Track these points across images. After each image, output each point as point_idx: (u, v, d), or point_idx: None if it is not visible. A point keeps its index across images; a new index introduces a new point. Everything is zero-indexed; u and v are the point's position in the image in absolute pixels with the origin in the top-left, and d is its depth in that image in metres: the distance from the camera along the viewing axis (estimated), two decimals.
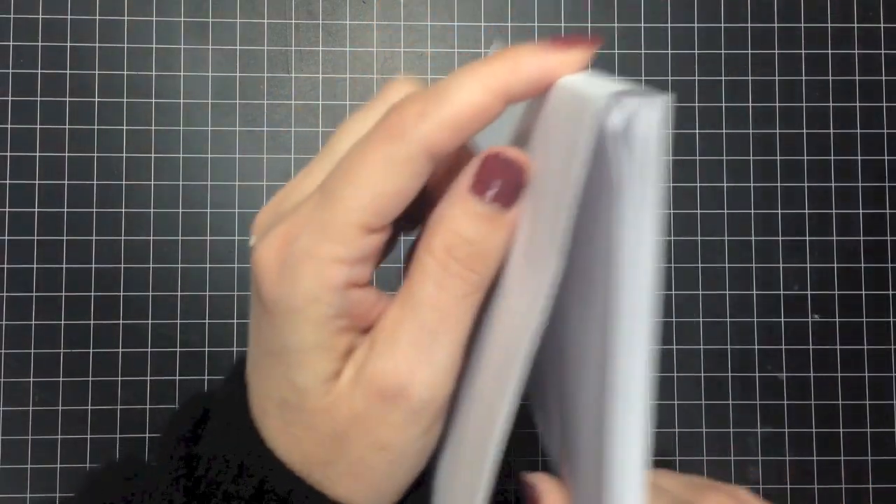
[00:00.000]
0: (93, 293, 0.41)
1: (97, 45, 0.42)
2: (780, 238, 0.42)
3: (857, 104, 0.43)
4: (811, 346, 0.42)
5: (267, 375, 0.20)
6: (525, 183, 0.19)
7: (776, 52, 0.43)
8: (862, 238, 0.42)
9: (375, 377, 0.19)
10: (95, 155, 0.42)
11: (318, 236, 0.19)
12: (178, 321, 0.41)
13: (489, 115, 0.19)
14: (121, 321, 0.41)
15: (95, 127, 0.42)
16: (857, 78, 0.43)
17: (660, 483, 0.24)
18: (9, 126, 0.41)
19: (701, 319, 0.42)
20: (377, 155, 0.19)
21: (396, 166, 0.18)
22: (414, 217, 0.21)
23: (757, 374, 0.42)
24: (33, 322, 0.41)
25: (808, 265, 0.42)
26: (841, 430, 0.42)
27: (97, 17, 0.42)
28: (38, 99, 0.42)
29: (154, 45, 0.42)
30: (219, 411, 0.22)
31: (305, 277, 0.19)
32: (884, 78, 0.43)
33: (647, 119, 0.16)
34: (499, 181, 0.19)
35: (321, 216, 0.19)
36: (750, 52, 0.43)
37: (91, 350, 0.41)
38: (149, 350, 0.41)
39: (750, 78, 0.43)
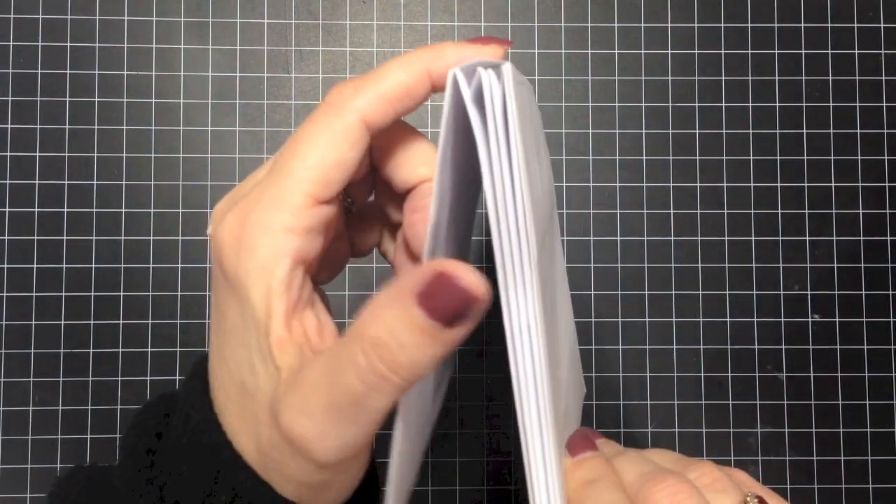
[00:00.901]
0: (93, 293, 0.41)
1: (97, 45, 0.42)
2: (780, 238, 0.42)
3: (857, 104, 0.43)
4: (811, 346, 0.42)
5: (230, 357, 0.21)
6: (477, 312, 0.18)
7: (776, 52, 0.43)
8: (862, 238, 0.42)
9: (284, 424, 0.19)
10: (95, 155, 0.42)
11: (269, 208, 0.20)
12: (178, 321, 0.41)
13: (416, 94, 0.21)
14: (121, 321, 0.41)
15: (95, 127, 0.42)
16: (856, 78, 0.43)
17: (649, 456, 0.24)
18: (9, 126, 0.41)
19: (701, 319, 0.42)
20: (319, 127, 0.21)
21: (337, 137, 0.20)
22: (358, 193, 0.24)
23: (757, 374, 0.42)
24: (33, 322, 0.41)
25: (808, 265, 0.42)
26: (841, 430, 0.42)
27: (97, 17, 0.42)
28: (38, 99, 0.42)
29: (154, 45, 0.42)
30: (180, 407, 0.22)
31: (260, 247, 0.20)
32: (884, 78, 0.43)
33: (492, 83, 0.18)
34: (447, 303, 0.17)
35: (271, 190, 0.20)
36: (750, 52, 0.43)
37: (91, 350, 0.41)
38: (149, 350, 0.41)
39: (750, 78, 0.43)
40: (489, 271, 0.19)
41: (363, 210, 0.26)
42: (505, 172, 0.19)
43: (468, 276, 0.17)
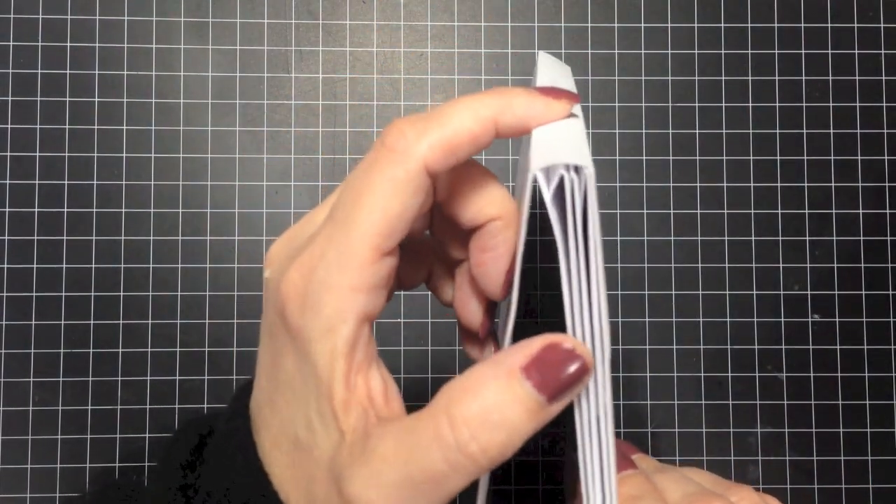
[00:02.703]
0: (93, 293, 0.41)
1: (97, 45, 0.42)
2: (780, 238, 0.42)
3: (857, 104, 0.43)
4: (811, 346, 0.42)
5: (283, 408, 0.20)
6: (584, 382, 0.18)
7: (776, 52, 0.43)
8: (862, 238, 0.42)
9: (350, 495, 0.18)
10: (95, 155, 0.42)
11: (335, 265, 0.19)
12: (178, 321, 0.41)
13: (480, 142, 0.20)
14: (121, 321, 0.41)
15: (95, 127, 0.42)
16: (856, 78, 0.43)
17: (689, 475, 0.25)
18: (9, 126, 0.41)
19: (701, 319, 0.42)
20: (382, 176, 0.19)
21: (400, 185, 0.19)
22: (414, 229, 0.23)
23: (757, 374, 0.42)
24: (33, 322, 0.41)
25: (808, 265, 0.42)
26: (841, 430, 0.42)
27: (97, 17, 0.42)
28: (38, 99, 0.42)
29: (154, 45, 0.42)
30: (222, 444, 0.21)
31: (326, 306, 0.19)
32: (884, 78, 0.43)
33: (574, 187, 0.19)
34: (556, 375, 0.17)
35: (335, 245, 0.19)
36: (750, 52, 0.43)
37: (91, 350, 0.41)
38: (149, 350, 0.41)
39: (750, 78, 0.43)
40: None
41: (415, 245, 0.25)
42: (583, 281, 0.19)
43: (581, 348, 0.17)
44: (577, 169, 0.19)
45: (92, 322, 0.41)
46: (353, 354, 0.19)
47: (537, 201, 0.20)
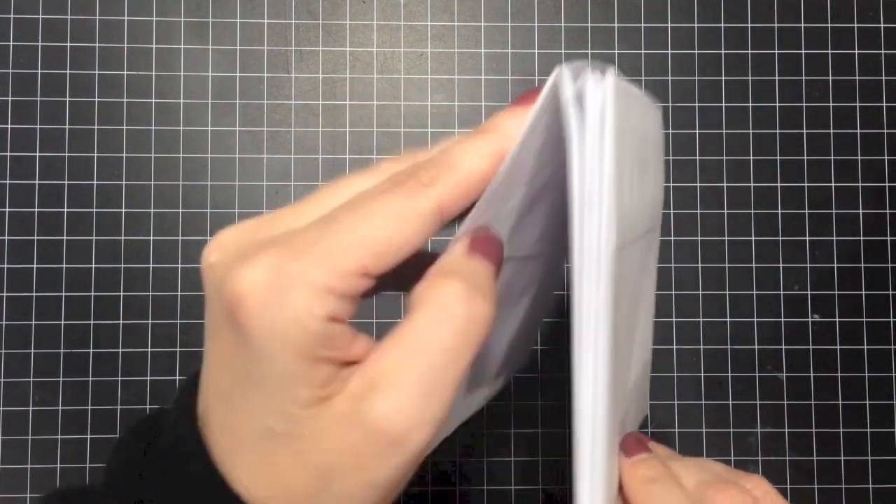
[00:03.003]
0: (93, 293, 0.41)
1: (97, 45, 0.42)
2: (780, 238, 0.42)
3: (857, 104, 0.43)
4: (811, 346, 0.42)
5: (243, 406, 0.19)
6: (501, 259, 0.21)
7: (776, 52, 0.43)
8: (862, 238, 0.42)
9: (380, 420, 0.18)
10: (95, 155, 0.42)
11: (317, 265, 0.19)
12: (178, 321, 0.41)
13: (488, 180, 0.21)
14: (121, 321, 0.41)
15: (95, 127, 0.42)
16: (857, 78, 0.43)
17: (704, 464, 0.25)
18: (9, 126, 0.41)
19: (701, 319, 0.42)
20: (392, 204, 0.20)
21: (408, 218, 0.20)
22: (399, 281, 0.22)
23: (757, 374, 0.42)
24: (33, 322, 0.41)
25: (808, 265, 0.42)
26: (841, 430, 0.42)
27: (97, 17, 0.42)
28: (38, 99, 0.42)
29: (154, 45, 0.42)
30: (172, 453, 0.21)
31: (295, 301, 0.18)
32: (884, 78, 0.43)
33: (595, 87, 0.19)
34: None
35: (324, 246, 0.19)
36: (750, 52, 0.43)
37: (91, 350, 0.41)
38: (149, 350, 0.41)
39: (750, 78, 0.43)
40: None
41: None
42: (595, 159, 0.19)
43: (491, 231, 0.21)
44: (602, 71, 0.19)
45: (92, 322, 0.41)
46: (316, 350, 0.19)
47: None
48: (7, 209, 0.41)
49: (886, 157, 0.43)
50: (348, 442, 0.19)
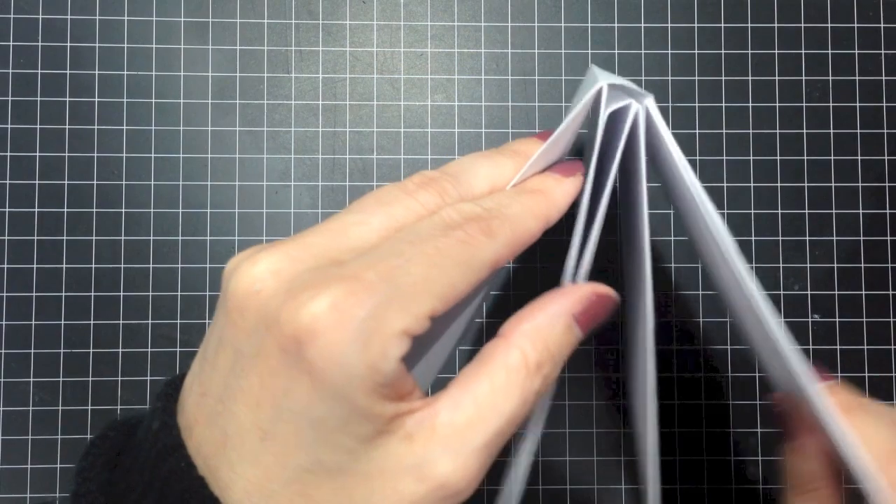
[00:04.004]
0: (93, 293, 0.41)
1: (97, 45, 0.42)
2: (780, 238, 0.42)
3: (857, 104, 0.43)
4: (811, 346, 0.42)
5: (290, 439, 0.19)
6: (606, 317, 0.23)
7: (776, 52, 0.43)
8: (862, 238, 0.42)
9: (445, 477, 0.19)
10: (95, 155, 0.42)
11: (397, 307, 0.19)
12: (178, 321, 0.41)
13: (536, 239, 0.23)
14: (121, 321, 0.41)
15: (95, 127, 0.42)
16: (856, 78, 0.43)
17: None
18: (9, 126, 0.41)
19: (701, 319, 0.42)
20: (462, 253, 0.20)
21: (474, 268, 0.20)
22: None
23: (757, 374, 0.42)
24: (33, 322, 0.41)
25: (808, 265, 0.42)
26: None
27: (97, 17, 0.42)
28: (38, 99, 0.42)
29: (154, 45, 0.42)
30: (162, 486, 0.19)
31: (376, 344, 0.18)
32: (884, 78, 0.43)
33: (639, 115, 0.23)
34: (596, 316, 0.23)
35: (402, 291, 0.19)
36: (750, 52, 0.43)
37: (91, 350, 0.41)
38: (149, 350, 0.41)
39: (750, 78, 0.43)
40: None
41: None
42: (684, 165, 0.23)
43: (610, 291, 0.23)
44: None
45: (92, 322, 0.41)
46: (385, 389, 0.19)
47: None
48: (7, 209, 0.41)
49: (886, 157, 0.43)
50: (403, 486, 0.19)
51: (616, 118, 0.23)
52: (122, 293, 0.41)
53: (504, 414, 0.20)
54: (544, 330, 0.21)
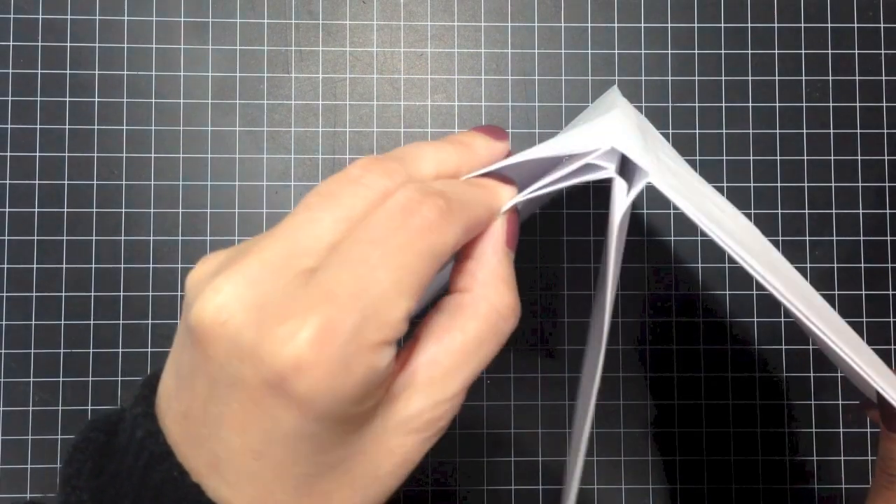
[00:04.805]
0: (93, 293, 0.41)
1: (97, 45, 0.42)
2: (780, 238, 0.42)
3: (857, 104, 0.43)
4: (811, 346, 0.42)
5: (285, 458, 0.19)
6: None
7: (776, 52, 0.43)
8: (862, 238, 0.42)
9: (423, 425, 0.20)
10: (95, 155, 0.42)
11: (373, 323, 0.18)
12: (178, 321, 0.41)
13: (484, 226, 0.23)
14: (121, 321, 0.41)
15: (95, 127, 0.42)
16: (857, 78, 0.43)
17: None
18: (9, 126, 0.41)
19: (701, 319, 0.42)
20: (426, 245, 0.19)
21: (437, 256, 0.20)
22: None
23: (757, 374, 0.42)
24: (33, 322, 0.41)
25: (808, 265, 0.42)
26: (841, 430, 0.42)
27: (97, 17, 0.42)
28: (38, 99, 0.42)
29: (154, 46, 0.42)
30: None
31: (359, 366, 0.18)
32: (884, 78, 0.43)
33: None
34: (516, 231, 0.23)
35: (375, 302, 0.18)
36: (750, 52, 0.43)
37: (91, 350, 0.41)
38: (149, 350, 0.41)
39: (750, 78, 0.43)
40: None
41: None
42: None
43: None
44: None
45: (92, 322, 0.41)
46: (378, 387, 0.19)
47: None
48: (7, 209, 0.41)
49: (886, 157, 0.43)
50: (395, 445, 0.20)
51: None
52: (122, 293, 0.41)
53: (481, 359, 0.21)
54: (497, 270, 0.22)
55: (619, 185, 0.21)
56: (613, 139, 0.22)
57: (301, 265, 0.19)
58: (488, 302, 0.21)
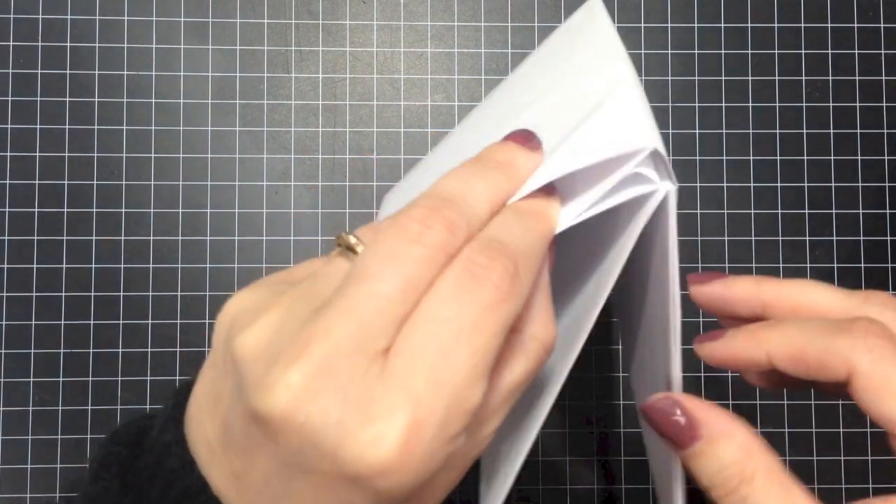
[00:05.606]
0: (93, 293, 0.41)
1: (97, 45, 0.42)
2: (780, 238, 0.42)
3: (857, 104, 0.43)
4: None
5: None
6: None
7: (776, 52, 0.43)
8: (862, 238, 0.42)
9: (465, 456, 0.21)
10: (95, 155, 0.42)
11: (454, 415, 0.18)
12: (178, 321, 0.41)
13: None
14: (121, 321, 0.41)
15: (95, 127, 0.42)
16: (857, 78, 0.43)
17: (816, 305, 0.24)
18: (9, 126, 0.41)
19: (701, 319, 0.42)
20: (499, 321, 0.19)
21: (507, 325, 0.19)
22: None
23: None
24: (33, 322, 0.41)
25: (808, 265, 0.42)
26: (841, 430, 0.42)
27: (97, 17, 0.42)
28: (38, 99, 0.42)
29: (154, 45, 0.42)
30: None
31: (443, 454, 0.18)
32: (884, 78, 0.43)
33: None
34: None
35: (454, 395, 0.18)
36: (750, 52, 0.43)
37: (91, 350, 0.41)
38: (149, 350, 0.41)
39: (750, 78, 0.43)
40: None
41: None
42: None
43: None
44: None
45: (92, 322, 0.41)
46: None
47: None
48: (7, 209, 0.41)
49: (886, 157, 0.43)
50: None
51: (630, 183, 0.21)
52: (122, 293, 0.41)
53: (522, 391, 0.21)
54: (543, 304, 0.22)
55: (671, 194, 0.21)
56: (654, 139, 0.20)
57: (373, 347, 0.18)
58: (536, 340, 0.21)
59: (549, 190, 0.22)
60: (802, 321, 0.23)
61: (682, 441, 0.22)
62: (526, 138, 0.23)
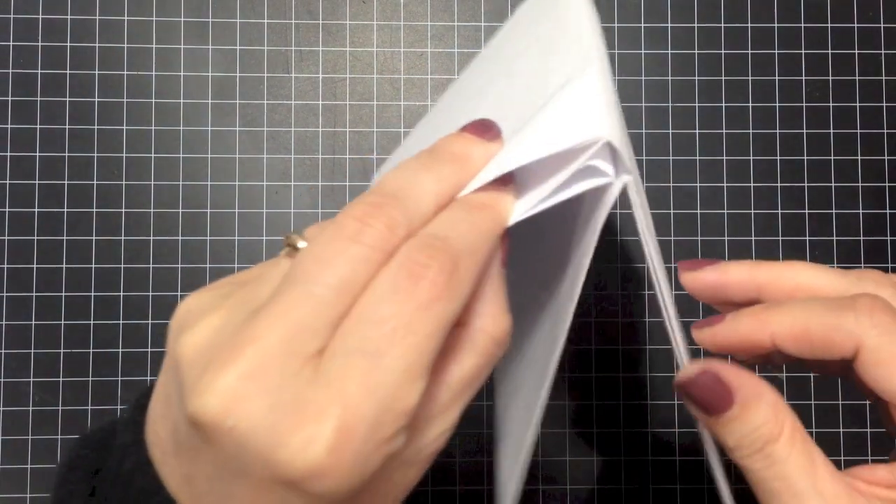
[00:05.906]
0: (93, 293, 0.41)
1: (97, 45, 0.42)
2: (780, 238, 0.42)
3: (857, 104, 0.43)
4: None
5: None
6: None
7: (776, 52, 0.43)
8: (862, 238, 0.42)
9: (421, 452, 0.21)
10: (95, 155, 0.42)
11: (388, 417, 0.18)
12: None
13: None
14: (121, 321, 0.41)
15: (95, 127, 0.42)
16: (857, 78, 0.43)
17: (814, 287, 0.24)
18: (9, 126, 0.41)
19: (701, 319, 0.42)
20: (436, 320, 0.18)
21: (447, 325, 0.19)
22: None
23: (757, 375, 0.42)
24: (33, 322, 0.41)
25: None
26: (841, 430, 0.42)
27: (97, 17, 0.42)
28: (38, 99, 0.42)
29: (154, 45, 0.42)
30: None
31: (379, 456, 0.18)
32: (884, 78, 0.43)
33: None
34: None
35: (387, 397, 0.18)
36: (750, 52, 0.43)
37: (91, 350, 0.41)
38: (149, 350, 0.41)
39: (750, 78, 0.43)
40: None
41: None
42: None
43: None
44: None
45: (92, 322, 0.41)
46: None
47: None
48: (7, 209, 0.41)
49: (886, 157, 0.43)
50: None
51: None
52: (122, 293, 0.41)
53: (477, 386, 0.21)
54: (494, 298, 0.21)
55: (615, 188, 0.21)
56: (608, 130, 0.20)
57: (305, 350, 0.18)
58: (485, 333, 0.20)
59: (504, 180, 0.21)
60: (805, 301, 0.23)
61: (720, 408, 0.23)
62: (483, 129, 0.22)
